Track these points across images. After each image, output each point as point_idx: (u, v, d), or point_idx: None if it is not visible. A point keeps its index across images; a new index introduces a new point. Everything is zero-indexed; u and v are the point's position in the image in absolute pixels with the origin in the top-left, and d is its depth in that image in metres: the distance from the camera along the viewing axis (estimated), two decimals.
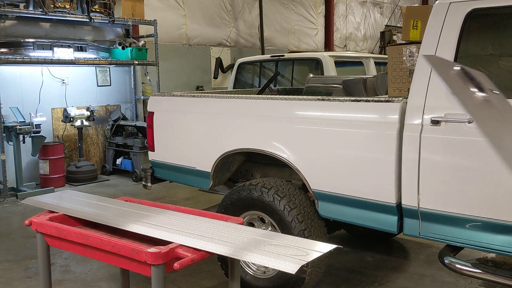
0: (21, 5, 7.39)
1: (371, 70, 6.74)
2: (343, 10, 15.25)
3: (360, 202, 3.20)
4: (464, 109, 1.40)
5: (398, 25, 15.45)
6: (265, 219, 3.64)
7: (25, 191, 7.20)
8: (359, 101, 3.19)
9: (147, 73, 9.40)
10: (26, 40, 7.50)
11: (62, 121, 8.17)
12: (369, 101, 3.15)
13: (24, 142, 7.36)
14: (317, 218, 3.50)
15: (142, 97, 9.47)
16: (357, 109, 3.18)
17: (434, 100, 2.92)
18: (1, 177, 7.10)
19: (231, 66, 10.39)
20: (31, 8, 7.43)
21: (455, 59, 2.89)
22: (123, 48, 8.64)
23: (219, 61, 10.85)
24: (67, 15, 7.70)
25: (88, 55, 8.13)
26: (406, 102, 3.02)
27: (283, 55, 7.50)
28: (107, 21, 8.35)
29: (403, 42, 3.51)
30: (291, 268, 1.98)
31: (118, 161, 8.80)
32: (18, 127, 7.08)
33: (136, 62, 8.73)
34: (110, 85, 9.05)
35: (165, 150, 4.46)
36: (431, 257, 4.60)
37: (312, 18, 14.12)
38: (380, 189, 3.11)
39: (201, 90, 10.30)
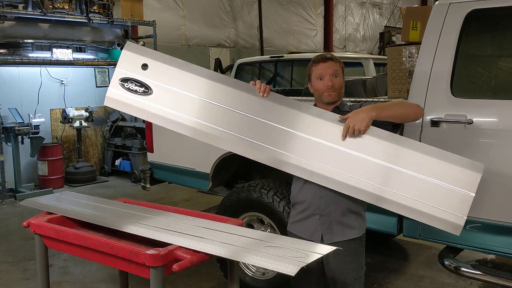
0: (20, 6, 7.38)
1: (371, 71, 6.72)
2: (342, 11, 15.25)
3: None
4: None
5: (398, 26, 15.44)
6: (264, 221, 3.63)
7: (24, 192, 7.19)
8: (359, 102, 3.18)
9: None
10: (25, 41, 7.50)
11: (61, 122, 8.15)
12: (368, 101, 3.15)
13: (22, 143, 7.35)
14: None
15: None
16: None
17: (434, 101, 2.92)
18: None
19: (230, 67, 10.37)
20: (30, 9, 7.42)
21: (455, 60, 2.89)
22: (122, 49, 8.61)
23: (218, 62, 10.82)
24: (66, 15, 7.70)
25: (87, 56, 8.12)
26: None
27: (282, 56, 7.49)
28: (106, 22, 8.34)
29: (403, 43, 3.50)
30: (291, 270, 1.97)
31: (117, 162, 8.78)
32: (16, 128, 7.07)
33: None
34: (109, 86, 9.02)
35: (164, 151, 4.45)
36: (430, 258, 4.60)
37: (311, 19, 14.12)
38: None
39: None
